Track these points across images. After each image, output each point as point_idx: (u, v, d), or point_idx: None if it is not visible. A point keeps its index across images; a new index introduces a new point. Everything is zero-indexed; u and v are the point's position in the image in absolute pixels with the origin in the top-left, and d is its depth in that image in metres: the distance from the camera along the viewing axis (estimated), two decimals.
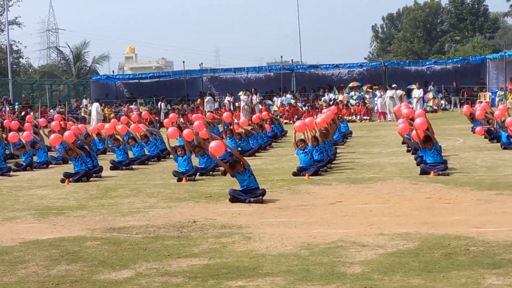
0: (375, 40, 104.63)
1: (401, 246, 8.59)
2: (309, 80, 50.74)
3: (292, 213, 11.29)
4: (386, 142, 23.80)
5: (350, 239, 9.08)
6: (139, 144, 20.45)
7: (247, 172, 12.69)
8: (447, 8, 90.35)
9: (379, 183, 14.32)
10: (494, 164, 16.55)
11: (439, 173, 14.86)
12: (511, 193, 12.33)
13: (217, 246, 9.04)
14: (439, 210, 11.07)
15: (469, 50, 68.86)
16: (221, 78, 52.87)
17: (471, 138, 23.72)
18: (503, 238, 8.78)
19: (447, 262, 7.75)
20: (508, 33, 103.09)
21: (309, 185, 14.34)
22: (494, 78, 48.41)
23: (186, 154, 16.50)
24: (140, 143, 20.57)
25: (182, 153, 16.48)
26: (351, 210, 11.38)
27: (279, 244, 8.99)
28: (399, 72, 50.44)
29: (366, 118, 38.19)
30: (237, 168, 12.69)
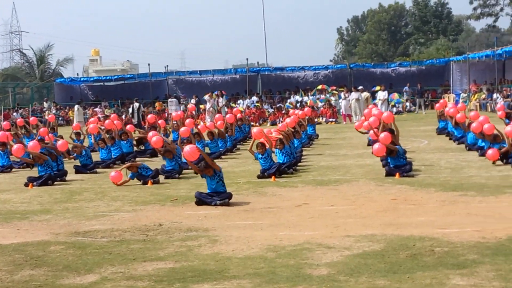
0: (341, 42, 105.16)
1: (366, 248, 8.62)
2: (275, 83, 50.82)
3: (258, 216, 11.28)
4: (352, 144, 23.90)
5: (316, 241, 9.10)
6: (108, 147, 20.32)
7: (216, 177, 12.66)
8: (411, 10, 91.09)
9: (345, 185, 14.37)
10: (458, 166, 16.71)
11: (404, 175, 14.97)
12: (475, 194, 12.46)
13: (183, 249, 9.00)
14: (404, 211, 11.14)
15: (433, 53, 69.49)
16: (186, 81, 52.74)
17: (435, 140, 23.93)
18: (467, 238, 8.86)
19: (412, 263, 7.80)
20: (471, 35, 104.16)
21: (275, 188, 14.34)
22: (458, 80, 48.95)
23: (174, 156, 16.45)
24: (109, 146, 20.42)
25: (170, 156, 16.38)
26: (317, 212, 11.40)
27: (245, 247, 8.98)
28: (365, 74, 50.77)
29: (332, 120, 38.32)
30: (207, 172, 12.64)
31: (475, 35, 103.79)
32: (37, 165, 16.81)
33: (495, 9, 56.78)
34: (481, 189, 12.93)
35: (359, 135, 26.78)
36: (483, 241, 8.69)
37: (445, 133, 24.98)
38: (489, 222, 9.91)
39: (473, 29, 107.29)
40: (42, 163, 16.61)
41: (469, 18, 62.21)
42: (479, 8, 57.05)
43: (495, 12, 57.00)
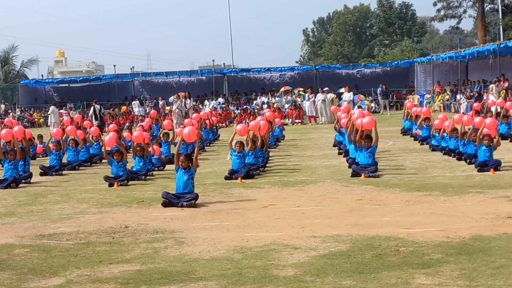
0: (306, 43, 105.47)
1: (332, 248, 8.67)
2: (241, 84, 50.91)
3: (225, 217, 11.29)
4: (317, 145, 24.02)
5: (283, 242, 9.13)
6: (76, 150, 20.16)
7: (188, 173, 12.65)
8: (376, 12, 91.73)
9: (311, 185, 14.44)
10: (422, 166, 16.88)
11: (370, 175, 15.08)
12: (439, 194, 12.60)
13: (149, 251, 8.97)
14: (369, 211, 11.22)
15: (397, 54, 70.10)
16: (152, 82, 52.58)
17: (400, 140, 24.15)
18: (431, 238, 8.96)
19: (378, 263, 7.87)
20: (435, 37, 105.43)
21: (241, 189, 14.36)
22: (422, 81, 49.47)
23: (122, 161, 16.27)
24: (78, 148, 20.27)
25: (118, 159, 16.25)
26: (283, 213, 11.44)
27: (212, 248, 8.98)
28: (330, 75, 51.07)
29: (298, 122, 38.47)
30: (184, 162, 12.65)
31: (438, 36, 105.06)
32: (5, 162, 16.51)
33: (458, 11, 57.32)
34: (445, 189, 13.08)
35: (325, 136, 26.99)
36: (447, 241, 8.79)
37: (409, 134, 25.24)
38: (453, 222, 10.03)
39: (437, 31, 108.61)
40: (11, 160, 16.32)
41: (433, 19, 62.79)
42: (442, 10, 57.48)
43: (458, 14, 57.51)
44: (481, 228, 9.50)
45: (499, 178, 14.29)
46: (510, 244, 8.48)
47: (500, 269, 7.37)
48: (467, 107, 38.56)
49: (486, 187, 13.21)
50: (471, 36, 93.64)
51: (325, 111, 37.25)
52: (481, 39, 53.80)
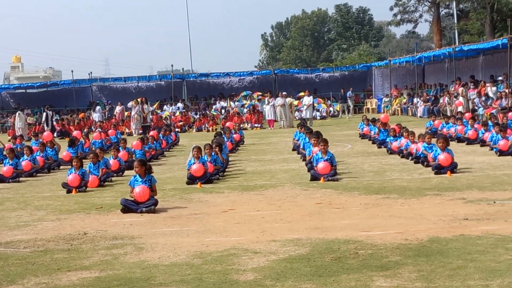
0: (265, 48, 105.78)
1: (292, 252, 8.70)
2: (200, 89, 50.85)
3: (184, 222, 11.25)
4: (277, 149, 24.08)
5: (243, 247, 9.13)
6: (33, 156, 19.92)
7: (147, 182, 12.61)
8: (333, 17, 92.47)
9: (270, 190, 14.47)
10: (380, 169, 17.04)
11: (329, 179, 15.17)
12: (397, 196, 12.72)
13: (108, 258, 8.90)
14: (329, 215, 11.28)
15: (355, 58, 70.69)
16: (111, 87, 52.23)
17: (358, 144, 24.34)
18: (390, 240, 9.04)
19: (337, 266, 7.91)
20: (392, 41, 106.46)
21: (201, 194, 14.33)
22: (380, 85, 49.97)
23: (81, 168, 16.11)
24: (34, 155, 20.02)
25: (77, 165, 16.09)
26: (243, 217, 11.44)
27: (171, 254, 8.94)
28: (289, 79, 51.29)
29: (257, 126, 38.53)
30: (140, 169, 12.59)
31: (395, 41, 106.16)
32: None
33: (415, 16, 57.93)
34: (403, 192, 13.21)
35: (285, 140, 27.07)
36: (406, 243, 8.87)
37: (367, 137, 25.46)
38: (411, 224, 10.13)
39: (394, 35, 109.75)
40: None
41: (390, 24, 63.33)
42: (399, 15, 58.07)
43: (414, 19, 58.13)
44: (439, 230, 9.62)
45: (455, 180, 14.48)
46: (467, 245, 8.60)
47: (457, 270, 7.46)
48: (424, 110, 39.02)
49: (443, 189, 13.37)
50: (427, 40, 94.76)
51: (284, 115, 37.38)
52: (437, 43, 54.48)
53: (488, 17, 45.93)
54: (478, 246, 8.52)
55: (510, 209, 10.90)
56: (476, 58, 41.68)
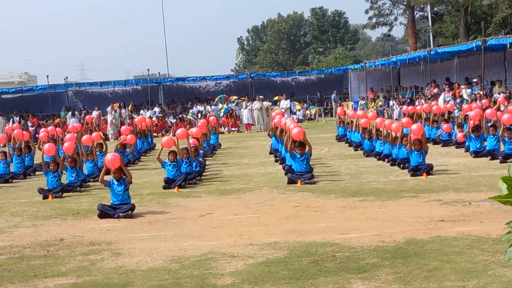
0: (241, 52, 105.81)
1: (270, 255, 8.71)
2: (176, 93, 50.73)
3: (162, 227, 11.23)
4: (254, 153, 24.10)
5: (221, 251, 9.13)
6: (6, 162, 19.75)
7: (123, 184, 12.56)
8: (309, 20, 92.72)
9: (248, 193, 14.48)
10: (357, 172, 17.11)
11: (306, 182, 15.21)
12: (374, 199, 12.79)
13: (85, 264, 8.86)
14: (306, 218, 11.31)
15: (331, 61, 70.91)
16: (87, 92, 51.92)
17: (335, 147, 24.43)
18: (367, 243, 9.09)
19: (315, 269, 7.94)
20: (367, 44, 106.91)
21: (178, 198, 14.31)
22: (356, 88, 50.17)
23: (58, 171, 16.02)
24: (8, 161, 19.86)
25: (54, 169, 15.99)
26: (221, 221, 11.44)
27: (149, 259, 8.92)
28: (265, 83, 51.34)
29: (234, 130, 38.52)
30: (116, 173, 12.56)
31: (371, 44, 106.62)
32: None
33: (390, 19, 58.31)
34: (380, 194, 13.29)
35: (262, 143, 27.10)
36: (382, 245, 8.92)
37: (344, 140, 25.57)
38: (387, 226, 10.19)
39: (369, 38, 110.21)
40: None
41: (365, 27, 63.72)
42: (374, 18, 58.41)
43: (389, 22, 58.51)
44: (415, 231, 9.68)
45: (431, 182, 14.58)
46: (443, 246, 8.67)
47: (434, 272, 7.52)
48: (400, 113, 39.24)
49: (419, 191, 13.46)
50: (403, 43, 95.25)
51: (262, 119, 37.42)
52: (412, 46, 54.84)
53: (462, 19, 46.32)
54: (454, 247, 8.59)
55: (485, 210, 11.00)
56: (451, 61, 41.99)
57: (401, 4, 56.08)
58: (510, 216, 7.40)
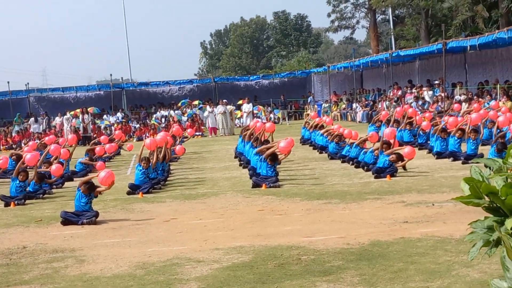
0: (204, 56, 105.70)
1: (235, 260, 8.70)
2: (140, 98, 50.46)
3: (126, 233, 11.15)
4: (218, 157, 24.06)
5: (186, 256, 9.10)
6: None
7: (87, 197, 12.48)
8: (272, 24, 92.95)
9: (212, 198, 14.44)
10: (322, 174, 17.17)
11: (271, 186, 15.23)
12: (338, 201, 12.84)
13: (49, 272, 8.76)
14: (271, 221, 11.32)
15: (294, 65, 71.14)
16: (49, 98, 51.38)
17: (299, 150, 24.47)
18: (332, 245, 9.12)
19: (280, 272, 7.94)
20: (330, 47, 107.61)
21: (143, 203, 14.23)
22: (319, 91, 50.43)
23: (25, 181, 15.77)
24: None
25: (22, 178, 15.74)
26: (185, 226, 11.40)
27: (113, 265, 8.85)
28: (229, 87, 51.33)
29: (198, 134, 38.43)
30: (86, 188, 12.46)
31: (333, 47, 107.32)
32: None
33: (352, 22, 58.65)
34: (344, 197, 13.35)
35: (226, 147, 27.09)
36: (347, 247, 8.97)
37: (308, 143, 25.64)
38: (352, 229, 10.24)
39: (332, 41, 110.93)
40: None
41: (328, 30, 63.98)
42: (336, 21, 58.71)
43: (351, 25, 58.86)
44: (379, 233, 9.74)
45: (395, 184, 14.69)
46: (407, 248, 8.74)
47: (398, 273, 7.57)
48: (363, 115, 39.52)
49: (383, 193, 13.56)
50: (365, 46, 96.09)
51: (225, 123, 37.39)
52: (374, 49, 55.24)
53: (423, 22, 46.75)
54: (418, 248, 8.66)
55: (448, 211, 11.11)
56: (412, 63, 42.42)
57: (362, 8, 56.49)
58: (473, 217, 7.45)
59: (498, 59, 33.23)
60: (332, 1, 57.57)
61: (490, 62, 33.99)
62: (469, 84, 34.86)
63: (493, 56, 33.64)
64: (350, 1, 56.98)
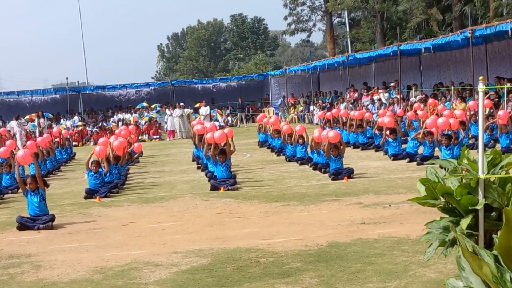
0: (162, 59, 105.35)
1: (194, 263, 8.68)
2: (96, 101, 50.06)
3: (83, 238, 11.05)
4: (176, 160, 23.98)
5: (144, 260, 9.05)
6: None
7: (38, 195, 12.30)
8: (229, 27, 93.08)
9: (171, 201, 14.39)
10: (280, 177, 17.22)
11: (229, 188, 15.22)
12: (296, 203, 12.89)
13: (4, 278, 8.64)
14: (230, 224, 11.32)
15: (252, 68, 71.34)
16: (4, 102, 50.67)
17: (257, 152, 24.54)
18: (290, 247, 9.15)
19: (239, 275, 7.95)
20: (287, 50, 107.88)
21: (100, 208, 14.11)
22: (277, 94, 50.60)
23: None
24: None
25: None
26: (144, 230, 11.34)
27: (71, 270, 8.77)
28: (186, 90, 51.20)
29: (156, 137, 38.26)
30: (31, 185, 12.29)
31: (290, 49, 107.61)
32: None
33: (308, 25, 58.87)
34: (302, 199, 13.40)
35: (184, 151, 27.02)
36: (306, 249, 9.01)
37: (266, 146, 25.71)
38: (310, 230, 10.29)
39: (289, 44, 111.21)
40: None
41: (285, 33, 64.09)
42: (293, 24, 58.89)
43: (308, 28, 59.07)
44: (337, 235, 9.81)
45: (352, 186, 14.80)
46: (365, 249, 8.81)
47: (356, 274, 7.63)
48: None
49: (340, 194, 13.65)
50: (321, 48, 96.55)
51: (183, 126, 37.29)
52: (330, 52, 55.60)
53: (378, 25, 47.23)
54: (376, 249, 8.74)
55: (404, 212, 11.23)
56: (368, 66, 42.81)
57: (319, 11, 56.78)
58: (429, 217, 7.56)
59: (452, 61, 33.73)
60: (288, 4, 57.75)
61: (445, 64, 34.48)
62: (424, 86, 35.29)
63: (447, 59, 34.13)
64: (307, 4, 57.23)
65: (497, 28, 24.89)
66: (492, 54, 30.70)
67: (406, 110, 27.18)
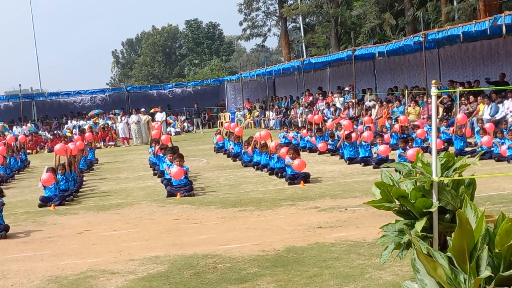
0: (116, 65, 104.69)
1: (151, 270, 8.63)
2: (50, 108, 49.51)
3: (38, 246, 10.90)
4: (132, 167, 23.82)
5: (100, 268, 8.96)
6: None
7: None
8: (184, 32, 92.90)
9: (127, 208, 14.28)
10: (236, 182, 17.22)
11: (185, 194, 15.17)
12: (253, 208, 12.90)
13: None
14: (187, 230, 11.28)
15: (207, 73, 71.28)
16: None
17: (214, 158, 24.51)
18: (247, 253, 9.15)
19: (197, 281, 7.92)
20: (242, 55, 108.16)
21: (55, 216, 13.94)
22: (233, 99, 50.67)
23: None
24: None
25: None
26: (99, 238, 11.23)
27: (25, 280, 8.64)
28: (142, 96, 50.95)
29: (111, 144, 37.96)
30: None
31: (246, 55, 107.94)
32: None
33: (263, 30, 59.08)
34: (259, 204, 13.42)
35: (140, 157, 26.86)
36: (263, 254, 9.01)
37: (222, 151, 25.70)
38: (267, 235, 10.30)
39: (244, 49, 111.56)
40: None
41: (240, 38, 64.21)
42: (248, 29, 59.05)
43: (263, 33, 59.27)
44: (294, 239, 9.84)
45: (309, 190, 14.87)
46: (322, 253, 8.85)
47: (314, 278, 7.66)
48: (276, 122, 39.86)
49: (297, 199, 13.69)
50: (277, 53, 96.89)
51: (139, 132, 37.05)
52: (286, 57, 55.84)
53: (333, 30, 47.55)
54: (332, 253, 8.79)
55: (360, 215, 11.32)
56: (323, 70, 43.11)
57: (274, 16, 57.00)
58: (385, 220, 7.64)
59: (406, 66, 34.16)
60: (243, 10, 57.88)
61: (398, 68, 34.90)
62: (379, 90, 35.68)
63: (401, 63, 34.55)
64: (261, 10, 57.43)
65: (449, 32, 25.30)
66: (445, 58, 31.17)
67: (361, 114, 27.44)
